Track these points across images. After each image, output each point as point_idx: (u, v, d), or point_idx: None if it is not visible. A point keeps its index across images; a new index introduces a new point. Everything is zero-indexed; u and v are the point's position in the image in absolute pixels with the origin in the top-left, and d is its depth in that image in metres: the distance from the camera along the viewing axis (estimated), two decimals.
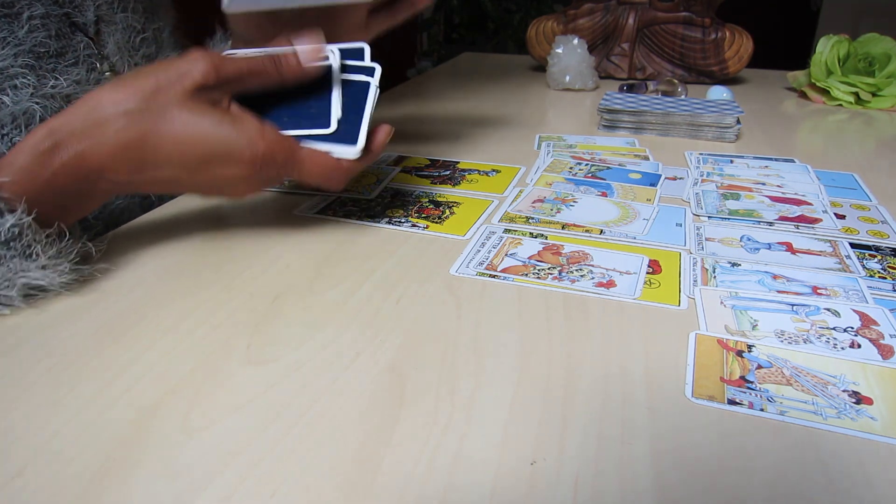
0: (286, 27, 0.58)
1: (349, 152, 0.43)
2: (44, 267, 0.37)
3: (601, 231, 0.49)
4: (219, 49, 0.60)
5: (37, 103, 0.45)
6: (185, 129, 0.38)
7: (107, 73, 0.52)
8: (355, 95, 0.45)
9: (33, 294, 0.38)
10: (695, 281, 0.42)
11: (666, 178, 0.62)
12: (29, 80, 0.44)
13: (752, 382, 0.32)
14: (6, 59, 0.43)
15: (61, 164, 0.37)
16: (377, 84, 0.46)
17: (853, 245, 0.47)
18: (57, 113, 0.39)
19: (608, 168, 0.63)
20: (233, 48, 0.59)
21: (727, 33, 1.03)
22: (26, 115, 0.44)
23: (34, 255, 0.36)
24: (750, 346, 0.35)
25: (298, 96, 0.44)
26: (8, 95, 0.44)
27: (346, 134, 0.44)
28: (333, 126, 0.44)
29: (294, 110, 0.44)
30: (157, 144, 0.38)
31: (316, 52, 0.43)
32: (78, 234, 0.40)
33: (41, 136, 0.37)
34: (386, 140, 0.46)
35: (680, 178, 0.62)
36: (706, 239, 0.48)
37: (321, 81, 0.45)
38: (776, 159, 0.68)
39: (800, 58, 1.13)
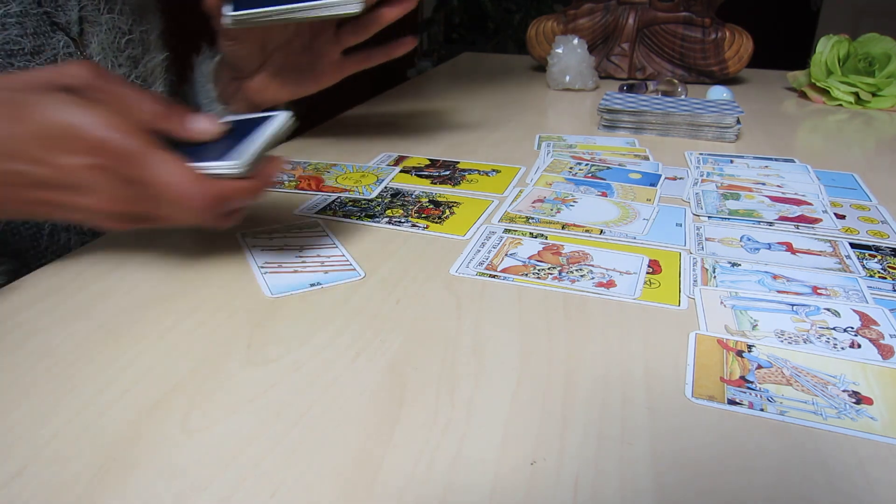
0: (272, 56, 0.60)
1: (228, 165, 0.36)
2: None
3: (601, 231, 0.49)
4: (206, 65, 0.60)
5: None
6: (25, 105, 0.34)
7: None
8: (258, 126, 0.40)
9: None
10: (695, 281, 0.42)
11: (666, 178, 0.62)
12: None
13: (752, 382, 0.32)
14: None
15: None
16: (283, 121, 0.40)
17: (853, 245, 0.47)
18: None
19: (608, 168, 0.63)
20: (219, 72, 0.60)
21: (727, 33, 1.03)
22: None
23: None
24: (750, 346, 0.35)
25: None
26: None
27: (230, 150, 0.37)
28: (242, 162, 0.36)
29: (207, 147, 0.38)
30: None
31: (210, 124, 0.39)
32: None
33: None
34: (276, 170, 0.39)
35: (680, 178, 0.62)
36: (706, 239, 0.48)
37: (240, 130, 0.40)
38: (776, 159, 0.68)
39: (800, 58, 1.13)
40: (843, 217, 0.53)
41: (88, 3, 0.51)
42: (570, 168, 0.63)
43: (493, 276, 0.42)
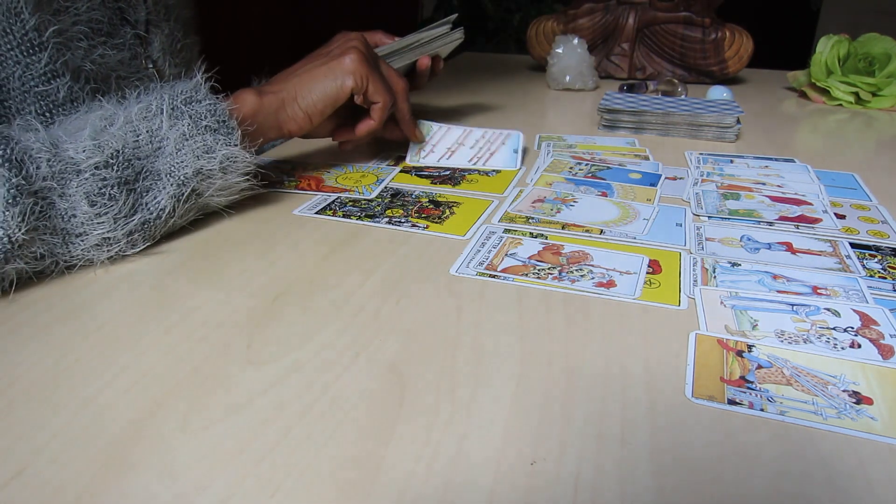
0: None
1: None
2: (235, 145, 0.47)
3: (601, 231, 0.49)
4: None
5: (86, 66, 0.50)
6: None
7: (150, 67, 0.57)
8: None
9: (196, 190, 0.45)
10: (695, 281, 0.42)
11: (666, 178, 0.62)
12: (82, 44, 0.50)
13: (752, 382, 0.32)
14: (65, 24, 0.49)
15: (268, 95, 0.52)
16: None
17: (853, 245, 0.47)
18: (124, 78, 0.53)
19: (608, 168, 0.63)
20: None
21: (727, 33, 1.03)
22: (74, 72, 0.49)
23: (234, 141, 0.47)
24: (750, 346, 0.35)
25: None
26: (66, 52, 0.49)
27: None
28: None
29: None
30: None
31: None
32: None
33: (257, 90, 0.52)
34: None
35: (680, 178, 0.62)
36: (706, 239, 0.48)
37: None
38: (776, 159, 0.68)
39: (800, 58, 1.13)
40: (843, 217, 0.53)
41: (153, 8, 0.60)
42: (571, 168, 0.63)
43: (493, 276, 0.42)
